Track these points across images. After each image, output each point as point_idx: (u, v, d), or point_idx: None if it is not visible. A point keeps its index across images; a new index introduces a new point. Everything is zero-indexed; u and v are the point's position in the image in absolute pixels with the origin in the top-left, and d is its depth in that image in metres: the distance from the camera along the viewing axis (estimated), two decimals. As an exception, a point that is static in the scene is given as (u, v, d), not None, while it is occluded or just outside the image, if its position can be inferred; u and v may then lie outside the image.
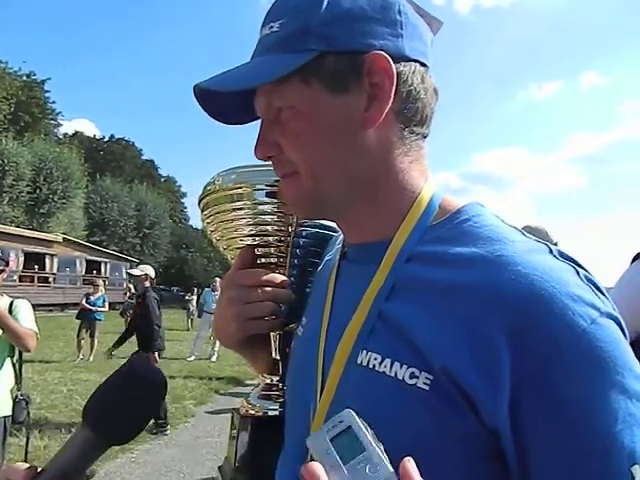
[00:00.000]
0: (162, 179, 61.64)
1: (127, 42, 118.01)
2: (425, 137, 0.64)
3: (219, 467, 0.86)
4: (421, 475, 0.41)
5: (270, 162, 0.65)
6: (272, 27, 0.59)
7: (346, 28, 0.57)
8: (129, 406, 0.57)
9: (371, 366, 0.56)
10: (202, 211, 0.84)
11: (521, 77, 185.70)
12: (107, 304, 10.99)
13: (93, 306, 10.63)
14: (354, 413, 0.45)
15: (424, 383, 0.51)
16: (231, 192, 0.77)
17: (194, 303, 18.82)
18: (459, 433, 0.50)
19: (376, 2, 0.58)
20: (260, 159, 0.65)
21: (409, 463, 0.41)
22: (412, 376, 0.52)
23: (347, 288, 0.66)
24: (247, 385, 8.37)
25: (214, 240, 0.86)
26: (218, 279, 12.45)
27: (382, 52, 0.56)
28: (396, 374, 0.53)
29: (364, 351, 0.57)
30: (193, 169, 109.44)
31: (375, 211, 0.63)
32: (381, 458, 0.43)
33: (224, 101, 0.64)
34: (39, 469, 0.56)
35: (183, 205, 62.27)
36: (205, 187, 0.81)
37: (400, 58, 0.58)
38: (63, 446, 0.57)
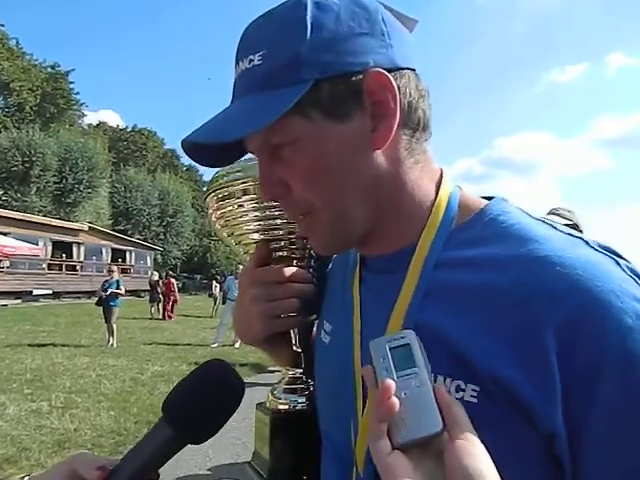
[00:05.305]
0: (184, 168, 62.13)
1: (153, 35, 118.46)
2: (428, 140, 0.61)
3: (248, 463, 0.86)
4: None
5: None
6: (252, 60, 0.55)
7: (336, 50, 0.53)
8: (216, 412, 0.58)
9: None
10: (209, 208, 0.82)
11: (543, 61, 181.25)
12: (123, 288, 10.85)
13: (106, 292, 10.57)
14: (415, 334, 0.50)
15: (471, 396, 0.49)
16: (236, 188, 0.75)
17: (218, 291, 19.06)
18: (512, 442, 0.48)
19: (359, 15, 0.54)
20: (269, 201, 0.62)
21: (443, 388, 0.48)
22: (458, 389, 0.50)
23: (375, 298, 0.63)
24: (270, 371, 8.47)
25: (224, 235, 0.85)
26: (241, 266, 12.54)
27: (378, 68, 0.53)
28: None
29: None
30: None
31: (395, 226, 0.60)
32: (427, 378, 0.47)
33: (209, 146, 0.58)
34: (111, 464, 0.56)
35: (205, 193, 62.65)
36: (210, 183, 0.80)
37: (394, 69, 0.55)
38: (141, 443, 0.57)
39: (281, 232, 0.77)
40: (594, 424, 0.46)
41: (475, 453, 0.43)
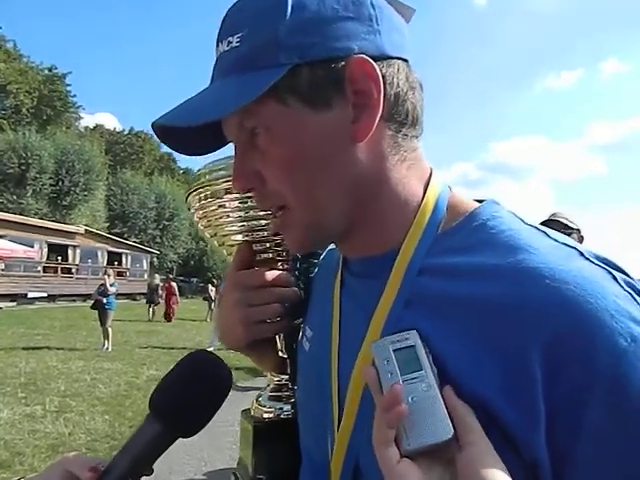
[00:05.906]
0: (181, 171, 62.09)
1: (147, 33, 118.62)
2: (419, 137, 0.58)
3: (233, 472, 0.84)
4: None
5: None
6: (230, 42, 0.52)
7: (318, 34, 0.49)
8: (204, 403, 0.57)
9: None
10: (189, 208, 0.80)
11: (539, 66, 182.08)
12: (114, 289, 10.76)
13: (100, 295, 10.52)
14: (419, 335, 0.48)
15: None
16: (219, 187, 0.73)
17: (214, 294, 19.05)
18: None
19: None
20: (241, 192, 0.60)
21: (451, 391, 0.45)
22: None
23: (355, 304, 0.60)
24: (265, 376, 8.44)
25: (207, 236, 0.82)
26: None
27: (362, 55, 0.50)
28: None
29: None
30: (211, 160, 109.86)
31: (378, 227, 0.57)
32: (434, 381, 0.46)
33: (185, 131, 0.54)
34: (103, 465, 0.55)
35: (202, 197, 62.54)
36: (192, 181, 0.77)
37: (381, 58, 0.51)
38: (131, 441, 0.56)
39: (266, 233, 0.74)
40: (581, 451, 0.43)
41: (490, 460, 0.42)
